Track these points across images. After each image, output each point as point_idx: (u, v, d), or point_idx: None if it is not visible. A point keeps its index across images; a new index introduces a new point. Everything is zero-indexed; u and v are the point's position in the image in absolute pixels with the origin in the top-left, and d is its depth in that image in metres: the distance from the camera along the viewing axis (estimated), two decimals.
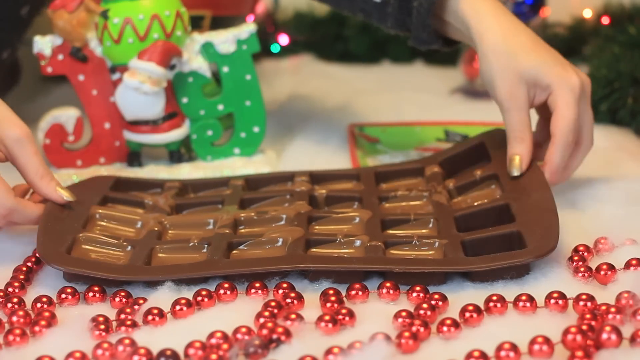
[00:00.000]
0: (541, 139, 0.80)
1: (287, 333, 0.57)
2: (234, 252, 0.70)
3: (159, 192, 0.81)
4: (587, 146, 0.78)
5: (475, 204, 0.76)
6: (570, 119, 0.75)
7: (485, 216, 0.73)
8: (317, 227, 0.73)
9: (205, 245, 0.70)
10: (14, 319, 0.61)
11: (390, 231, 0.73)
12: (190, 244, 0.70)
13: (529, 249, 0.66)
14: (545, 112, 0.79)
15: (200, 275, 0.66)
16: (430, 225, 0.73)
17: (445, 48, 0.87)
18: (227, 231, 0.71)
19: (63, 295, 0.64)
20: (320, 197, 0.78)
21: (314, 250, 0.69)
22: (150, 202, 0.78)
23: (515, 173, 0.75)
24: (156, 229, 0.73)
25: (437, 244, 0.69)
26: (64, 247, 0.68)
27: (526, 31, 0.79)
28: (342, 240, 0.69)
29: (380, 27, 0.90)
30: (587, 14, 1.34)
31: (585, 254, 0.69)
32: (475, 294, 0.64)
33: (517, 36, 0.78)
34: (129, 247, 0.70)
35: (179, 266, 0.67)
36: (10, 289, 0.65)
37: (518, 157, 0.75)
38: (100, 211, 0.74)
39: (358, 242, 0.69)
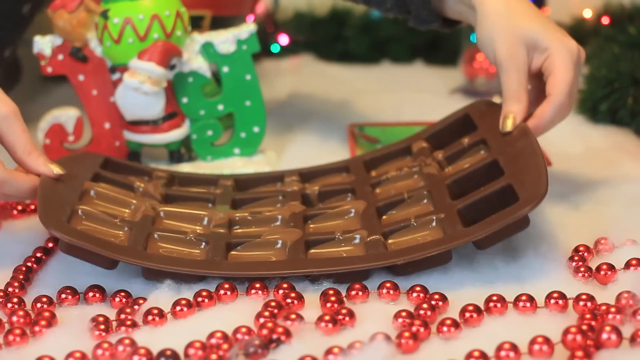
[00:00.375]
0: (530, 105, 0.80)
1: (287, 333, 0.57)
2: (233, 253, 0.69)
3: (147, 180, 0.81)
4: (567, 114, 0.79)
5: (465, 167, 0.76)
6: (568, 80, 0.76)
7: (477, 177, 0.72)
8: (313, 226, 0.73)
9: (203, 242, 0.70)
10: (14, 319, 0.61)
11: (387, 217, 0.73)
12: (187, 238, 0.70)
13: (521, 201, 0.65)
14: (537, 82, 0.79)
15: (203, 273, 0.66)
16: (425, 200, 0.73)
17: (444, 29, 0.88)
18: (223, 231, 0.71)
19: (63, 295, 0.64)
20: (312, 195, 0.78)
21: (314, 251, 0.69)
22: (141, 188, 0.77)
23: (508, 129, 0.75)
24: (150, 214, 0.72)
25: (434, 220, 0.69)
26: (64, 217, 0.67)
27: (526, 0, 0.80)
28: (340, 238, 0.69)
29: (379, 10, 0.91)
30: (587, 14, 1.34)
31: (586, 254, 0.69)
32: (476, 294, 0.64)
33: (518, 2, 0.79)
34: (126, 228, 0.70)
35: (181, 260, 0.67)
36: (10, 289, 0.65)
37: (512, 115, 0.76)
38: (95, 188, 0.74)
39: (357, 238, 0.69)
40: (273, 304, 0.61)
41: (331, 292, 0.63)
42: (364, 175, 0.81)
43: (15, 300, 0.63)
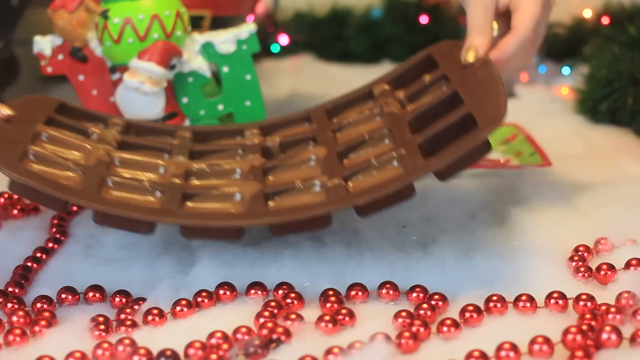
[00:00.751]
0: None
1: (287, 333, 0.57)
2: (189, 204, 0.67)
3: (103, 127, 0.79)
4: (532, 56, 0.78)
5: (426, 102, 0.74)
6: (534, 16, 0.75)
7: (437, 110, 0.71)
8: (272, 178, 0.71)
9: (158, 191, 0.68)
10: (14, 319, 0.61)
11: (348, 160, 0.71)
12: (142, 185, 0.68)
13: (480, 126, 0.63)
14: (504, 28, 0.79)
15: (158, 220, 0.64)
16: (386, 140, 0.71)
17: None
18: (179, 181, 0.69)
19: (63, 295, 0.64)
20: (274, 147, 0.76)
21: (274, 202, 0.67)
22: (96, 134, 0.75)
23: (470, 61, 0.74)
24: (105, 159, 0.71)
25: (395, 158, 0.67)
26: (15, 157, 0.66)
27: None
28: (300, 186, 0.67)
29: None
30: (587, 14, 1.34)
31: (585, 254, 0.69)
32: (476, 294, 0.64)
33: None
34: (79, 171, 0.68)
35: (135, 206, 0.65)
36: (10, 289, 0.65)
37: (475, 47, 0.75)
38: (47, 131, 0.72)
39: (317, 185, 0.67)
40: (273, 304, 0.61)
41: (331, 292, 0.63)
42: (325, 123, 0.79)
43: (15, 300, 0.63)
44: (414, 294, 0.63)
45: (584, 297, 0.61)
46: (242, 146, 0.77)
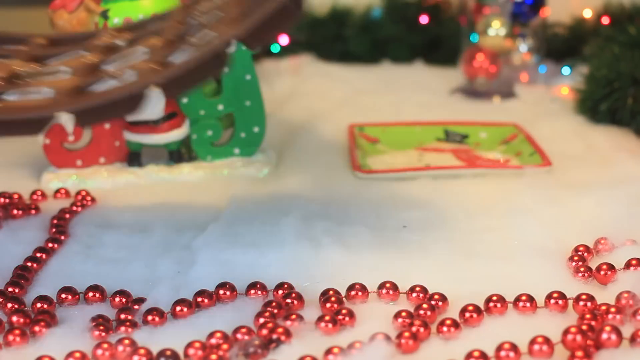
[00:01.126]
0: None
1: (287, 333, 0.57)
2: None
3: None
4: None
5: None
6: None
7: None
8: (103, 73, 0.66)
9: None
10: (14, 319, 0.61)
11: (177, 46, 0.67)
12: None
13: None
14: None
15: None
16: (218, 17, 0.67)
17: None
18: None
19: (63, 295, 0.64)
20: (122, 44, 0.71)
21: (87, 94, 0.63)
22: None
23: None
24: None
25: (210, 34, 0.64)
26: None
27: None
28: (114, 76, 0.63)
29: None
30: (587, 14, 1.34)
31: (585, 254, 0.69)
32: (475, 294, 0.63)
33: None
34: None
35: None
36: (10, 289, 0.65)
37: None
38: None
39: (132, 74, 0.63)
40: (273, 304, 0.61)
41: (331, 292, 0.63)
42: (180, 16, 0.74)
43: (15, 300, 0.63)
44: (414, 294, 0.63)
45: (584, 297, 0.61)
46: (89, 47, 0.71)
